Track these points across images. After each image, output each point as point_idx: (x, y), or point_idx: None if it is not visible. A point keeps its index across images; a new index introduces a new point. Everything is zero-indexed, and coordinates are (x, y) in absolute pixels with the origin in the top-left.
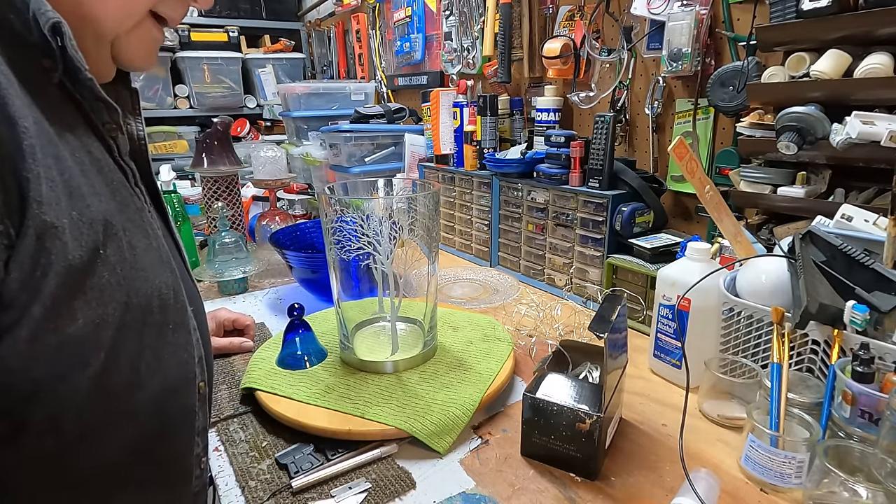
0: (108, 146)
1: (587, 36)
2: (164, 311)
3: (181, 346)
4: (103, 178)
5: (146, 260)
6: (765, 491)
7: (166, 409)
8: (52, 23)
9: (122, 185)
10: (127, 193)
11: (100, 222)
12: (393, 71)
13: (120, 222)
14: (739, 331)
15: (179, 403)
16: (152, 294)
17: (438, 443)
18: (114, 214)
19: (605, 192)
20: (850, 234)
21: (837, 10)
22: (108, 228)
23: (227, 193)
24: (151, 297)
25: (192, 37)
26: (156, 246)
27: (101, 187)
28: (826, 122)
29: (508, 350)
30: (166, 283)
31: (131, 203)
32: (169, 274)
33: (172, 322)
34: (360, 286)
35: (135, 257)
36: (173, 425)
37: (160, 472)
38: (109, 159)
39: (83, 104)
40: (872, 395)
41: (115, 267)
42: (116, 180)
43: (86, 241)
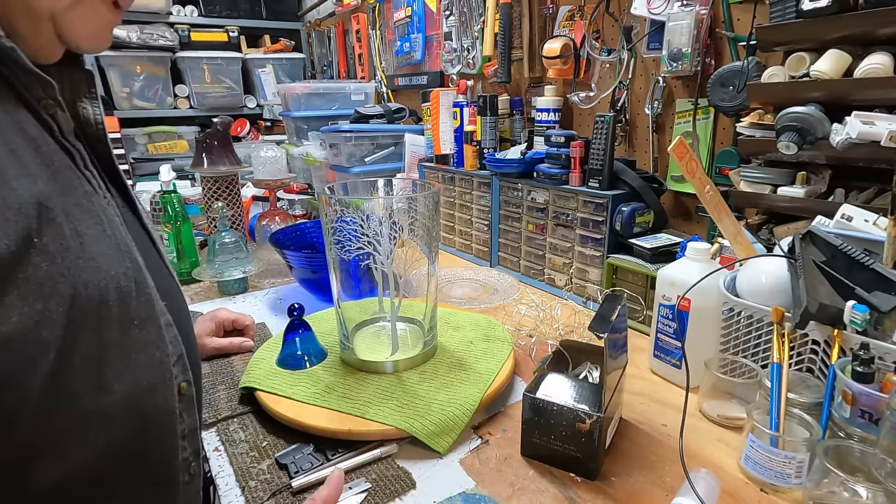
0: (47, 125)
1: (587, 36)
2: (124, 304)
3: (151, 343)
4: (41, 158)
5: (97, 248)
6: (765, 491)
7: (142, 412)
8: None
9: (67, 166)
10: (73, 176)
11: (31, 206)
12: (393, 71)
13: (61, 206)
14: (739, 331)
15: (157, 406)
16: (107, 286)
17: (438, 443)
18: (52, 198)
19: (605, 192)
20: (850, 234)
21: (837, 10)
22: (43, 213)
23: (227, 193)
24: (106, 289)
25: (192, 37)
26: (110, 233)
27: (37, 168)
28: (826, 122)
29: (508, 350)
30: (125, 274)
31: (78, 186)
32: (128, 264)
33: (137, 317)
34: (360, 286)
35: (81, 245)
36: (152, 430)
37: (141, 481)
38: (49, 139)
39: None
40: (872, 395)
41: (56, 256)
42: (59, 161)
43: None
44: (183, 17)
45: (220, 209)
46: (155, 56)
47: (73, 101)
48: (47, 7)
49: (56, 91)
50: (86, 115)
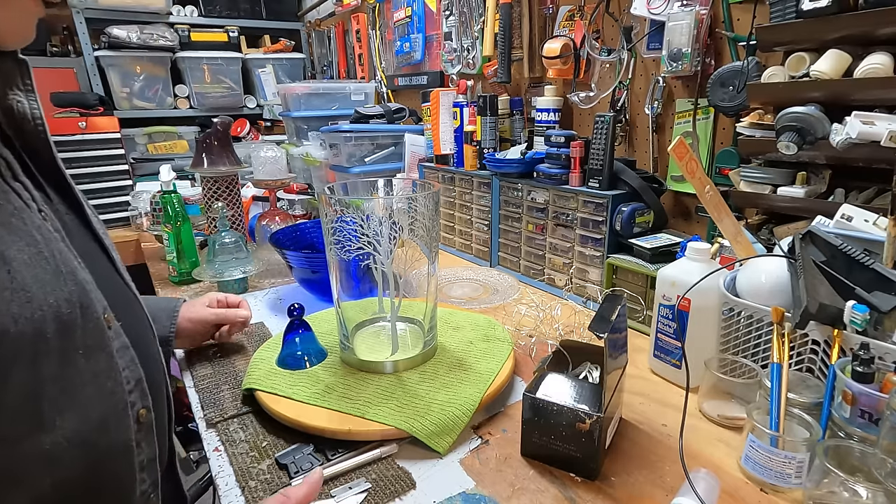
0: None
1: (587, 36)
2: (65, 334)
3: (101, 373)
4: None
5: (29, 274)
6: (765, 491)
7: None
8: None
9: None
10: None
11: None
12: (393, 71)
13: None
14: (739, 331)
15: (110, 440)
16: (43, 317)
17: (438, 443)
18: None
19: (605, 192)
20: (850, 234)
21: (837, 10)
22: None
23: (227, 193)
24: (42, 320)
25: (192, 37)
26: (47, 254)
27: None
28: (826, 122)
29: (508, 350)
30: (67, 300)
31: (5, 203)
32: (72, 287)
33: (83, 346)
34: (360, 286)
35: (9, 274)
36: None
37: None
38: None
39: None
40: (872, 395)
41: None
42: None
43: None
44: (183, 17)
45: (220, 209)
46: (155, 56)
47: (5, 94)
48: None
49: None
50: (21, 109)
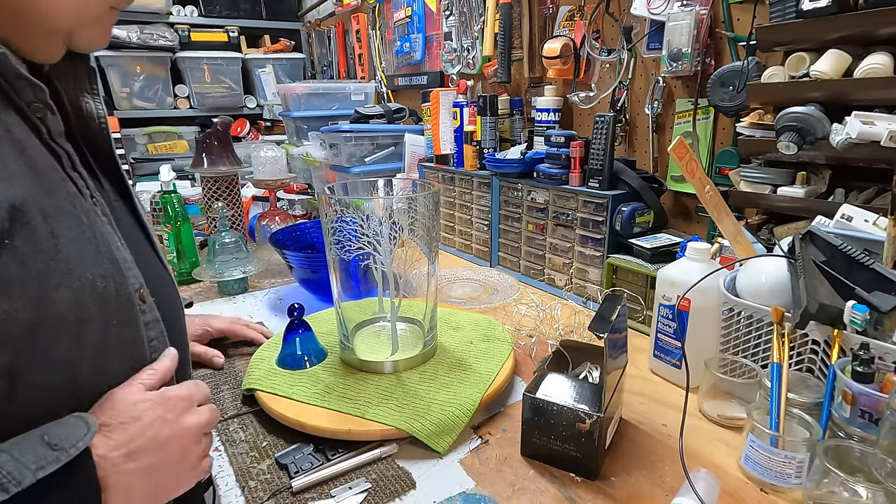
0: (35, 127)
1: (587, 36)
2: (103, 306)
3: (130, 342)
4: (25, 160)
5: (73, 250)
6: (765, 491)
7: None
8: None
9: (52, 168)
10: (57, 178)
11: (3, 210)
12: (393, 71)
13: (39, 208)
14: (739, 331)
15: None
16: (81, 287)
17: (438, 443)
18: (30, 200)
19: (605, 192)
20: (850, 234)
21: (837, 10)
22: (16, 216)
23: (227, 193)
24: (80, 290)
25: (192, 37)
26: (90, 235)
27: (19, 170)
28: (826, 122)
29: (508, 350)
30: (102, 276)
31: (61, 188)
32: (107, 265)
33: (116, 318)
34: (360, 286)
35: (56, 247)
36: None
37: None
38: (36, 141)
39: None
40: (872, 395)
41: (27, 258)
42: (42, 163)
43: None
44: (183, 17)
45: (220, 209)
46: (155, 56)
47: (77, 96)
48: (69, 25)
49: (46, 94)
50: (88, 109)
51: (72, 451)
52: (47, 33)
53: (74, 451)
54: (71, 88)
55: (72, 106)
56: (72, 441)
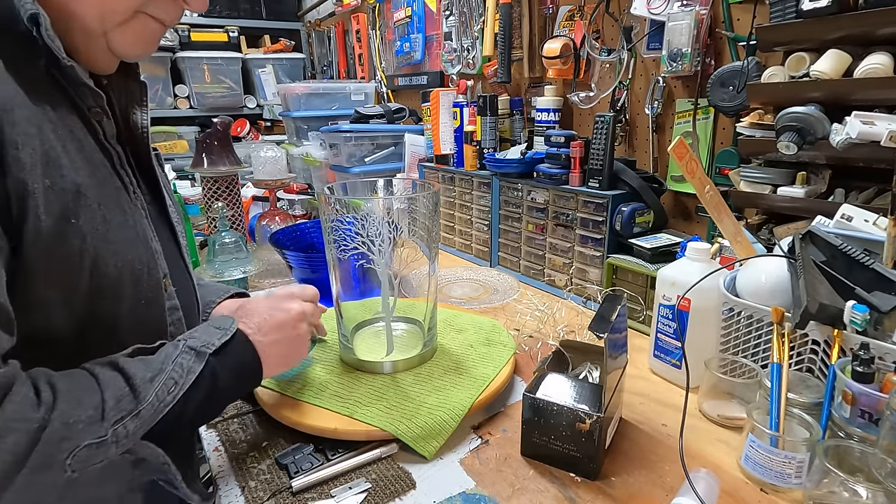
0: (93, 129)
1: (587, 36)
2: (137, 284)
3: (153, 319)
4: (83, 155)
5: (119, 235)
6: (765, 491)
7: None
8: (29, 13)
9: (103, 164)
10: (107, 173)
11: (71, 191)
12: (393, 71)
13: (96, 196)
14: (739, 331)
15: None
16: (123, 266)
17: (424, 447)
18: (90, 188)
19: (605, 192)
20: (850, 234)
21: (837, 10)
22: (79, 198)
23: (227, 193)
24: (122, 269)
25: (192, 37)
26: (132, 223)
27: (80, 163)
28: (826, 122)
29: (509, 355)
30: (139, 259)
31: (110, 182)
32: (142, 251)
33: (145, 297)
34: (360, 286)
35: (107, 231)
36: None
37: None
38: (92, 141)
39: (68, 89)
40: (872, 395)
41: (86, 237)
42: (97, 160)
43: (55, 209)
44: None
45: (220, 209)
46: (155, 56)
47: (127, 108)
48: (97, 28)
49: (104, 101)
50: (135, 120)
51: (231, 328)
52: (85, 34)
53: (232, 329)
54: (124, 100)
55: (122, 115)
56: (227, 324)
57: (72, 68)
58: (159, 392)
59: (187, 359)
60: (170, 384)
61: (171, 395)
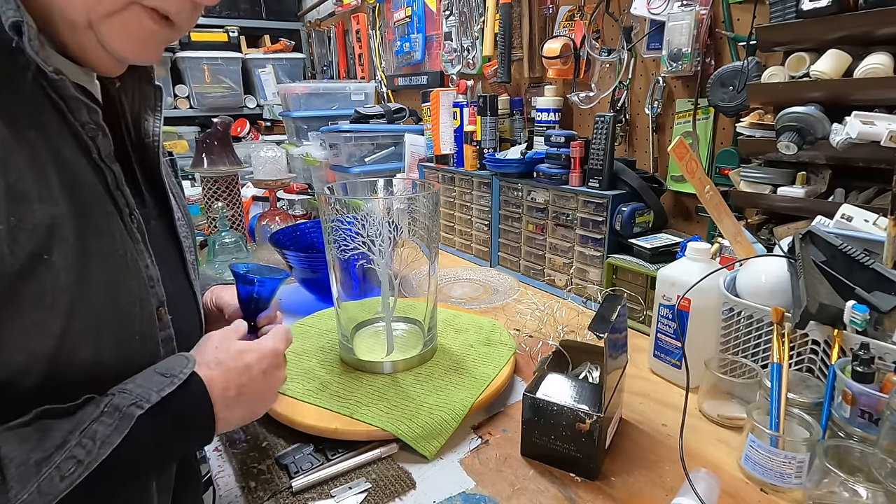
0: (86, 147)
1: (587, 36)
2: (126, 320)
3: (146, 356)
4: (67, 179)
5: (104, 268)
6: (765, 491)
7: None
8: (10, 21)
9: (93, 187)
10: (97, 195)
11: (43, 225)
12: (393, 71)
13: (75, 226)
14: (739, 331)
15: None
16: (106, 304)
17: (425, 446)
18: (68, 218)
19: (605, 192)
20: (850, 234)
21: (837, 10)
22: (53, 231)
23: (227, 193)
24: (104, 307)
25: (192, 37)
26: (122, 252)
27: (61, 190)
28: (826, 122)
29: (509, 355)
30: (128, 292)
31: (100, 206)
32: (133, 283)
33: (139, 333)
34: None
35: (88, 264)
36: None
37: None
38: (84, 160)
39: (59, 103)
40: (872, 395)
41: (60, 273)
42: (86, 182)
43: (24, 248)
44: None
45: (220, 209)
46: None
47: (139, 113)
48: (84, 17)
49: (100, 116)
50: (146, 128)
51: (181, 375)
52: (73, 28)
53: (182, 376)
54: (137, 105)
55: (133, 122)
56: (178, 369)
57: (62, 81)
58: (44, 483)
59: (105, 425)
60: (67, 467)
61: (66, 480)
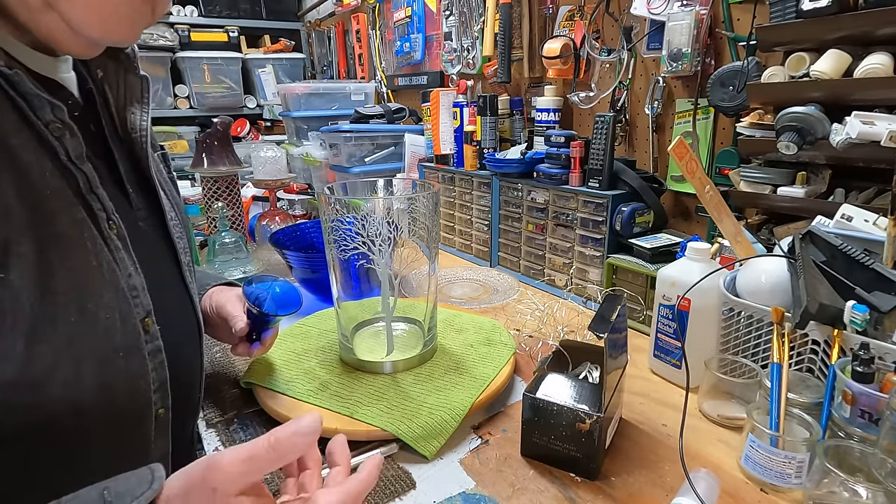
0: (51, 148)
1: (587, 36)
2: (107, 337)
3: (134, 373)
4: (26, 188)
5: (73, 281)
6: (765, 491)
7: (118, 437)
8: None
9: (57, 194)
10: (64, 204)
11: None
12: (393, 71)
13: (34, 239)
14: (739, 331)
15: (133, 431)
16: (82, 319)
17: (425, 447)
18: (24, 231)
19: (605, 192)
20: (850, 234)
21: (837, 10)
22: (9, 248)
23: (227, 193)
24: (81, 322)
25: (192, 37)
26: (95, 263)
27: (17, 201)
28: (826, 122)
29: (509, 355)
30: (106, 307)
31: (64, 215)
32: (112, 295)
33: (122, 350)
34: (360, 286)
35: (52, 279)
36: (124, 453)
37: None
38: (49, 164)
39: (18, 101)
40: (872, 395)
41: (20, 293)
42: (53, 188)
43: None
44: (183, 17)
45: (220, 209)
46: (155, 56)
47: (125, 106)
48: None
49: (66, 113)
50: (132, 120)
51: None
52: (28, 7)
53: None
54: (122, 98)
55: (118, 116)
56: (127, 499)
57: (17, 75)
58: None
59: None
60: None
61: None
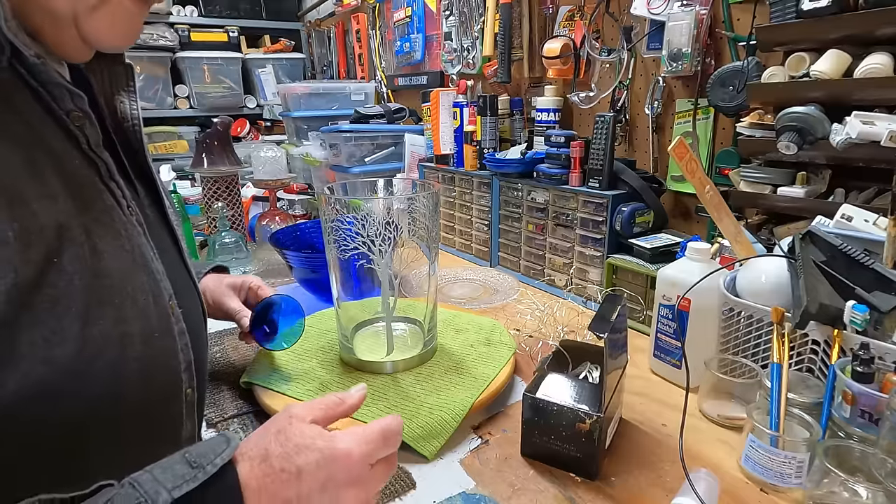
0: (74, 137)
1: (587, 36)
2: (145, 320)
3: (168, 352)
4: (63, 174)
5: (113, 265)
6: (765, 491)
7: (152, 418)
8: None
9: (89, 181)
10: (95, 191)
11: (51, 228)
12: (393, 71)
13: (81, 224)
14: (739, 331)
15: (165, 412)
16: (122, 303)
17: (425, 447)
18: (73, 216)
19: (605, 192)
20: (850, 234)
21: (837, 10)
22: (63, 233)
23: (227, 193)
24: (122, 306)
25: (192, 37)
26: (128, 248)
27: (59, 185)
28: (826, 122)
29: (509, 355)
30: (141, 289)
31: (99, 201)
32: (144, 278)
33: (157, 331)
34: (360, 286)
35: (99, 263)
36: (158, 435)
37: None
38: (75, 153)
39: (40, 91)
40: (872, 395)
41: (73, 277)
42: (81, 176)
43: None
44: (183, 17)
45: (220, 209)
46: (155, 56)
47: (112, 95)
48: (70, 10)
49: (86, 102)
50: (123, 111)
51: (208, 468)
52: (54, 22)
53: (211, 469)
54: (107, 85)
55: (107, 107)
56: (209, 458)
57: (43, 65)
58: None
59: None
60: None
61: None
